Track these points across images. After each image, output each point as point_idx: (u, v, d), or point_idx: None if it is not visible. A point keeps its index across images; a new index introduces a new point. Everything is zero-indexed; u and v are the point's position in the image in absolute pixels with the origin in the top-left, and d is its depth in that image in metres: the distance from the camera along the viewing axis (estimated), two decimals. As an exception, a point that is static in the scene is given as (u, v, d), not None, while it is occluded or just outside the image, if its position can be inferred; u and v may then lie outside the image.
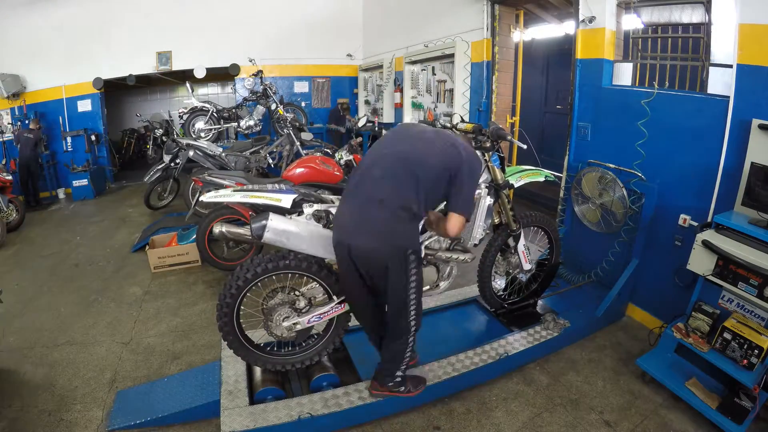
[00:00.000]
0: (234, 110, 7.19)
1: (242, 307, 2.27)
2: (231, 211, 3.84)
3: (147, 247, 4.44)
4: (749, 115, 2.50)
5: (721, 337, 2.37)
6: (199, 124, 6.93)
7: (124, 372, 2.81)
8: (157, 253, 4.29)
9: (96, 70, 7.47)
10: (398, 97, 6.73)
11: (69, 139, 7.59)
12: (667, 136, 3.02)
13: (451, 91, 5.53)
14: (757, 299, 2.23)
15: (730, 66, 2.61)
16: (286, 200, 2.15)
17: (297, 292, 2.31)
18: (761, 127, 2.41)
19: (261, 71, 7.30)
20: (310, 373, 2.48)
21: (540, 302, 3.31)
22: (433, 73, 5.97)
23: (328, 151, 5.28)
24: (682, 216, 2.95)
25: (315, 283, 2.33)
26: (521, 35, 5.41)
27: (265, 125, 7.58)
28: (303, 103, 8.40)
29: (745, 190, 2.47)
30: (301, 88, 8.64)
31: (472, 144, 2.43)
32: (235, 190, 2.25)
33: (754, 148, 2.46)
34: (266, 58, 8.01)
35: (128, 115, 10.69)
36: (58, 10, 7.18)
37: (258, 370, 2.47)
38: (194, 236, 4.17)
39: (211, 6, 7.75)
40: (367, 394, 2.32)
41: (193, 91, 7.26)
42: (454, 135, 2.10)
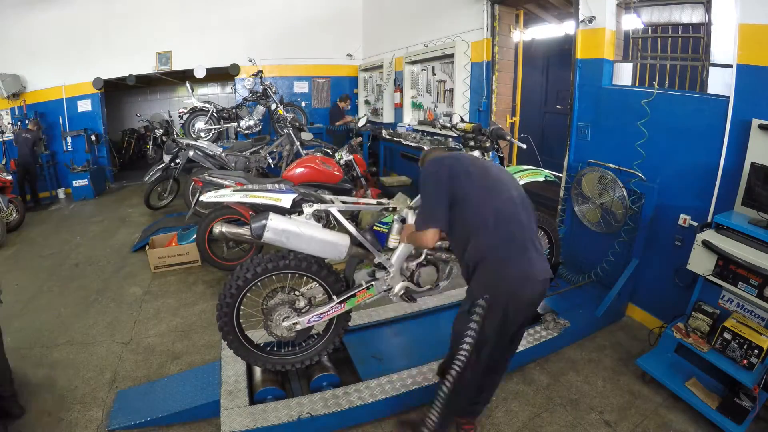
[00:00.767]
0: (234, 110, 7.19)
1: (242, 307, 2.28)
2: (231, 211, 3.84)
3: (147, 247, 4.44)
4: (749, 115, 2.50)
5: (721, 337, 2.37)
6: (199, 124, 6.93)
7: (124, 372, 2.81)
8: (157, 253, 4.29)
9: (96, 70, 7.47)
10: (398, 97, 6.73)
11: (69, 139, 7.60)
12: (667, 136, 3.02)
13: (451, 91, 5.53)
14: (757, 299, 2.23)
15: (730, 66, 2.61)
16: (286, 200, 2.15)
17: (297, 292, 2.31)
18: (761, 127, 2.41)
19: (261, 71, 7.31)
20: (310, 373, 2.48)
21: (540, 302, 3.30)
22: (433, 73, 5.97)
23: (328, 151, 5.28)
24: (682, 216, 2.95)
25: (315, 283, 2.33)
26: (521, 35, 5.41)
27: (265, 125, 7.58)
28: (303, 103, 8.41)
29: (745, 190, 2.47)
30: (301, 88, 8.65)
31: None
32: (234, 190, 2.25)
33: (754, 148, 2.46)
34: (266, 58, 8.01)
35: (128, 115, 10.69)
36: (58, 10, 7.18)
37: (258, 370, 2.47)
38: (194, 236, 4.18)
39: (211, 6, 7.76)
40: (368, 394, 2.32)
41: (193, 91, 7.26)
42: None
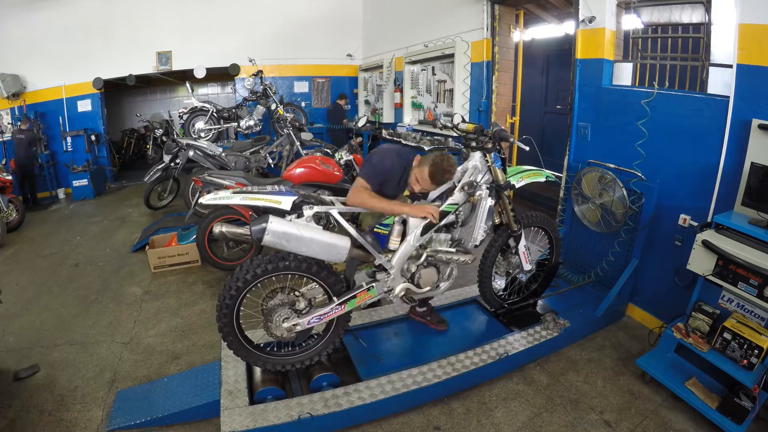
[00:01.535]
0: (234, 110, 7.19)
1: (242, 308, 2.28)
2: (231, 211, 3.84)
3: (147, 247, 4.44)
4: (749, 115, 2.50)
5: (721, 337, 2.37)
6: (199, 124, 6.93)
7: (124, 372, 2.81)
8: (157, 253, 4.29)
9: (96, 70, 7.46)
10: (398, 97, 6.73)
11: (69, 139, 7.60)
12: (667, 136, 3.02)
13: (451, 91, 5.53)
14: (757, 299, 2.23)
15: (730, 66, 2.61)
16: (286, 202, 2.15)
17: (297, 293, 2.31)
18: (761, 127, 2.41)
19: (261, 71, 7.31)
20: (310, 373, 2.48)
21: (540, 302, 3.31)
22: (433, 73, 5.97)
23: (328, 151, 5.28)
24: (682, 216, 2.95)
25: (315, 283, 2.33)
26: (521, 35, 5.41)
27: (265, 125, 7.59)
28: (303, 103, 8.41)
29: (745, 190, 2.47)
30: (301, 88, 8.65)
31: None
32: (234, 192, 2.25)
33: (754, 148, 2.46)
34: (266, 58, 8.01)
35: (128, 115, 10.69)
36: (58, 10, 7.18)
37: (258, 370, 2.48)
38: (194, 236, 4.17)
39: (211, 6, 7.76)
40: (367, 394, 2.32)
41: (193, 91, 7.26)
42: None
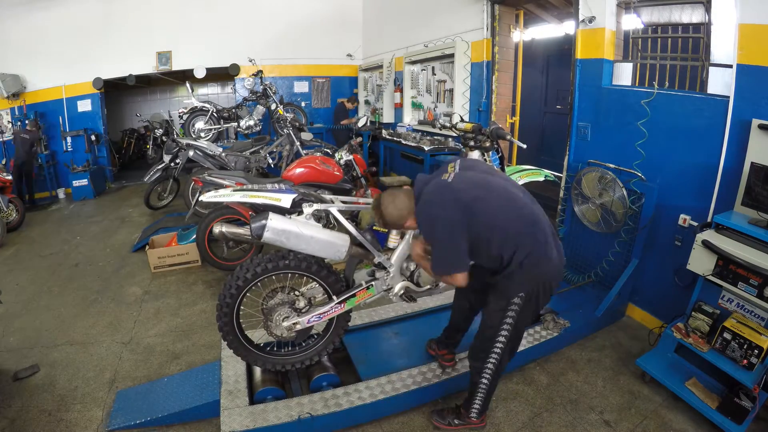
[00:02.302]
0: (234, 110, 7.19)
1: (242, 307, 2.28)
2: (231, 211, 3.84)
3: (147, 247, 4.44)
4: (749, 115, 2.50)
5: (721, 337, 2.37)
6: (199, 124, 6.93)
7: (124, 372, 2.81)
8: (157, 253, 4.29)
9: (96, 70, 7.46)
10: (398, 97, 6.73)
11: (69, 139, 7.60)
12: (667, 136, 3.02)
13: (451, 91, 5.53)
14: (757, 299, 2.23)
15: (730, 66, 2.61)
16: (286, 200, 2.15)
17: (297, 292, 2.31)
18: (761, 127, 2.41)
19: (261, 71, 7.31)
20: (310, 373, 2.48)
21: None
22: (433, 73, 5.97)
23: (328, 151, 5.28)
24: (682, 216, 2.95)
25: (315, 283, 2.33)
26: (521, 35, 5.41)
27: (265, 125, 7.59)
28: (303, 103, 8.41)
29: (745, 190, 2.47)
30: (301, 88, 8.64)
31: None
32: (234, 190, 2.25)
33: (754, 148, 2.46)
34: (266, 58, 8.01)
35: (128, 115, 10.69)
36: (58, 10, 7.18)
37: (258, 370, 2.48)
38: (194, 236, 4.17)
39: (211, 6, 7.76)
40: (367, 394, 2.32)
41: (193, 91, 7.26)
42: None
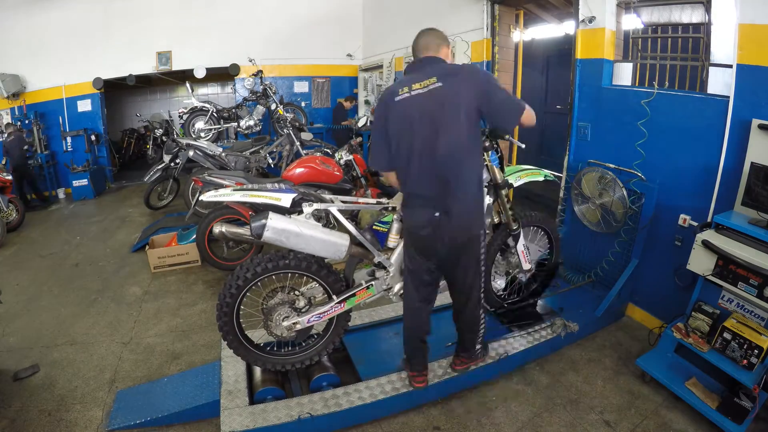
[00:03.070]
0: (234, 110, 7.19)
1: (242, 307, 2.28)
2: (231, 210, 3.84)
3: (147, 247, 4.44)
4: (749, 115, 2.50)
5: (721, 337, 2.37)
6: (199, 124, 6.93)
7: (124, 372, 2.81)
8: (157, 253, 4.29)
9: (96, 70, 7.47)
10: (398, 97, 6.72)
11: (69, 139, 7.59)
12: (667, 136, 3.02)
13: (451, 91, 5.52)
14: (757, 299, 2.23)
15: (730, 66, 2.61)
16: (286, 199, 2.15)
17: (297, 292, 2.31)
18: (761, 127, 2.41)
19: (261, 71, 7.30)
20: (310, 373, 2.48)
21: (540, 302, 3.31)
22: (433, 73, 5.97)
23: (328, 151, 5.28)
24: (682, 216, 2.95)
25: (315, 282, 2.33)
26: (521, 35, 5.41)
27: (265, 125, 7.58)
28: (303, 103, 8.40)
29: (745, 190, 2.47)
30: (301, 88, 8.64)
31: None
32: (234, 190, 2.24)
33: (754, 148, 2.46)
34: (266, 58, 8.01)
35: (128, 115, 10.69)
36: (58, 10, 7.18)
37: (258, 370, 2.47)
38: (194, 236, 4.17)
39: (211, 6, 7.76)
40: (367, 394, 2.32)
41: (193, 91, 7.26)
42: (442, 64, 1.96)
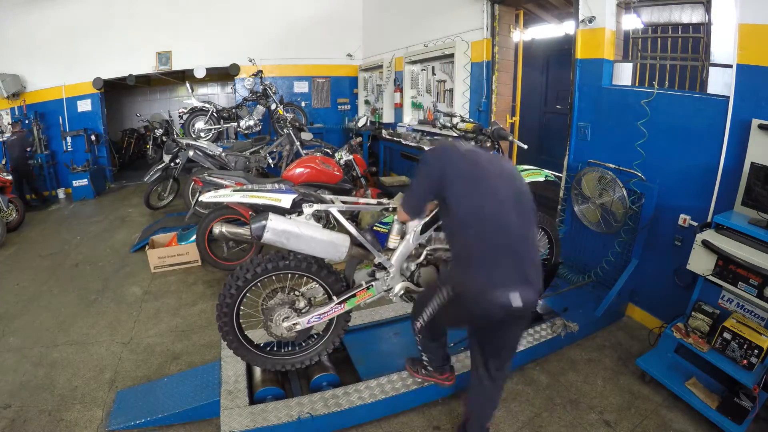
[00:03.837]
0: (234, 110, 7.18)
1: (242, 307, 2.28)
2: (231, 211, 3.84)
3: (147, 247, 4.44)
4: (749, 115, 2.50)
5: (721, 337, 2.37)
6: (199, 124, 6.93)
7: (124, 372, 2.81)
8: (157, 253, 4.29)
9: (96, 70, 7.46)
10: (398, 97, 6.72)
11: (69, 139, 7.58)
12: (667, 136, 3.02)
13: (451, 91, 5.52)
14: (757, 299, 2.23)
15: (730, 66, 2.61)
16: (286, 200, 2.15)
17: (297, 293, 2.31)
18: (761, 127, 2.41)
19: (261, 71, 7.30)
20: (310, 373, 2.48)
21: (540, 302, 3.31)
22: (433, 73, 5.97)
23: (328, 151, 5.28)
24: (682, 216, 2.95)
25: (315, 283, 2.33)
26: (521, 35, 5.41)
27: (265, 125, 7.58)
28: (303, 103, 8.40)
29: (744, 190, 2.47)
30: (301, 88, 8.64)
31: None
32: (234, 190, 2.24)
33: (754, 148, 2.46)
34: (266, 58, 8.00)
35: (128, 115, 10.69)
36: (58, 10, 7.17)
37: (258, 370, 2.47)
38: (194, 236, 4.18)
39: (211, 6, 7.75)
40: (367, 394, 2.32)
41: (193, 91, 7.25)
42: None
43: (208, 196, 2.22)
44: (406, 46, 6.54)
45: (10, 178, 5.88)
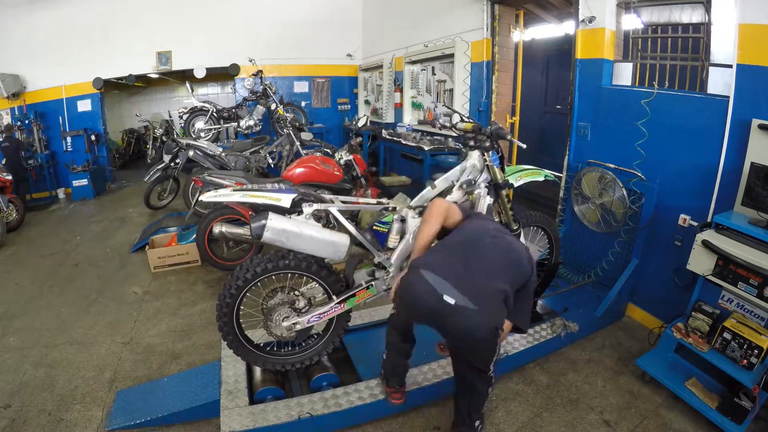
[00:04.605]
0: (234, 110, 7.18)
1: (242, 307, 2.28)
2: (231, 210, 3.84)
3: (147, 247, 4.44)
4: (749, 115, 2.50)
5: (721, 337, 2.37)
6: (199, 124, 6.93)
7: (124, 372, 2.81)
8: (157, 253, 4.29)
9: (96, 70, 7.47)
10: (398, 97, 6.73)
11: (69, 139, 7.59)
12: (667, 136, 3.02)
13: (451, 91, 5.52)
14: (757, 299, 2.23)
15: (730, 66, 2.61)
16: (286, 200, 2.15)
17: (297, 292, 2.31)
18: (761, 127, 2.41)
19: (261, 71, 7.29)
20: (310, 373, 2.48)
21: (540, 302, 3.31)
22: (433, 73, 5.97)
23: (328, 151, 5.28)
24: (682, 216, 2.95)
25: (315, 282, 2.33)
26: (521, 35, 5.41)
27: (265, 125, 7.58)
28: (303, 103, 8.40)
29: (744, 190, 2.47)
30: (301, 88, 8.64)
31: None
32: (234, 190, 2.25)
33: (754, 148, 2.46)
34: (266, 58, 8.01)
35: (128, 115, 10.69)
36: (59, 10, 7.17)
37: (258, 370, 2.47)
38: (194, 236, 4.17)
39: (211, 6, 7.75)
40: (367, 394, 2.32)
41: (193, 91, 7.25)
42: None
43: (209, 196, 2.21)
44: (406, 46, 6.54)
45: (10, 178, 5.88)
